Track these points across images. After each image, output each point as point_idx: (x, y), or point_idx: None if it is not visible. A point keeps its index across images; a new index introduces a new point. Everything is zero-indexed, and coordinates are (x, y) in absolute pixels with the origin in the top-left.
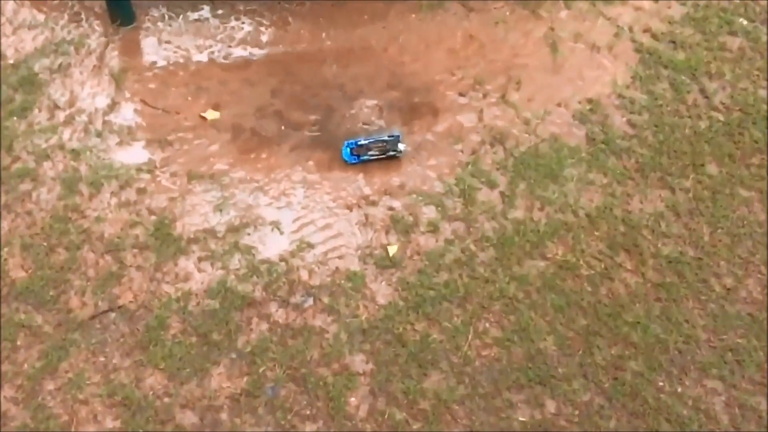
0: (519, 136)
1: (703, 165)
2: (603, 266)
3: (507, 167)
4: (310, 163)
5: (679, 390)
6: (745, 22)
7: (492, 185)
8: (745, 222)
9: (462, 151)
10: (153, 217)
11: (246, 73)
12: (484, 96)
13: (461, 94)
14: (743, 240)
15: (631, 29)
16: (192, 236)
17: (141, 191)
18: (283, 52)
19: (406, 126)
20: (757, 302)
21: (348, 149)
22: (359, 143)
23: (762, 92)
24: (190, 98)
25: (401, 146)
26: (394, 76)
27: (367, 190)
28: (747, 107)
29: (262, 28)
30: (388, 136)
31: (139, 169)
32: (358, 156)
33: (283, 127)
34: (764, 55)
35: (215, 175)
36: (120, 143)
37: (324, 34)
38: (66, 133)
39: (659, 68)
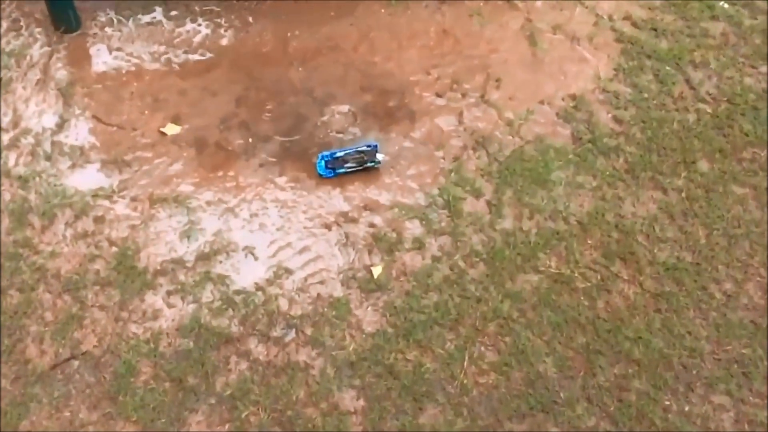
0: (502, 138)
1: (694, 162)
2: (599, 277)
3: (492, 173)
4: (283, 179)
5: (687, 408)
6: (726, 6)
7: (477, 194)
8: (741, 221)
9: (443, 158)
10: (114, 249)
11: (206, 81)
12: (463, 96)
13: (439, 95)
14: (740, 241)
15: (610, 17)
16: (158, 268)
17: (99, 220)
18: (245, 55)
19: (382, 132)
20: (758, 308)
21: (323, 162)
22: (335, 155)
23: (748, 80)
24: (146, 112)
25: (379, 156)
26: (366, 78)
27: (345, 207)
28: (734, 97)
29: (221, 30)
30: (365, 146)
31: (95, 195)
32: (334, 169)
33: (250, 140)
34: (748, 41)
35: (180, 198)
36: (72, 166)
37: (288, 34)
38: (11, 158)
39: (642, 59)
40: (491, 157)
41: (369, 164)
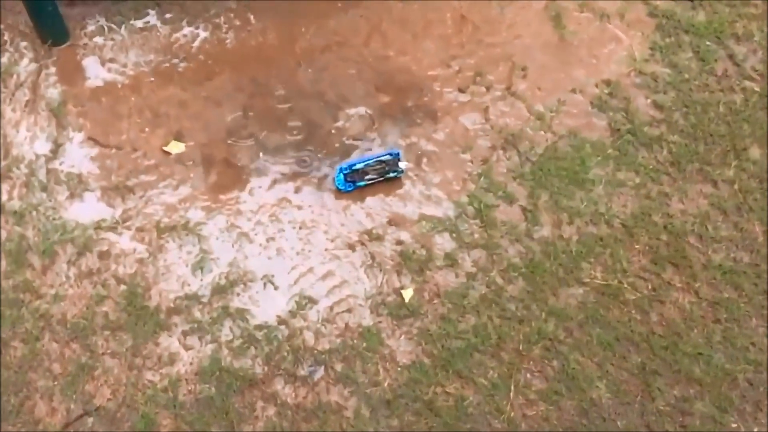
0: (533, 135)
1: (745, 149)
2: (650, 287)
3: (524, 175)
4: (299, 196)
5: (756, 430)
6: None
7: (510, 200)
8: None
9: (471, 161)
10: (122, 287)
11: (209, 90)
12: (488, 89)
13: (461, 90)
14: None
15: None
16: (172, 306)
17: (104, 255)
18: (248, 58)
19: (402, 137)
20: None
21: (341, 175)
22: (353, 167)
23: None
24: (147, 129)
25: (402, 165)
26: (381, 76)
27: (369, 223)
28: None
29: (221, 32)
30: (386, 155)
31: (98, 227)
32: (354, 182)
33: (261, 154)
34: None
35: (190, 225)
36: (71, 196)
37: (293, 32)
38: (4, 191)
39: (680, 34)
40: (523, 157)
41: (391, 175)
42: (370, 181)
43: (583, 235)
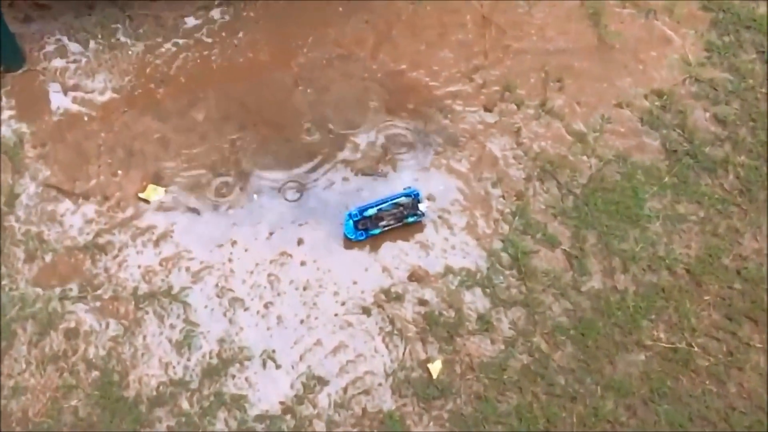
0: (575, 161)
1: None
2: (725, 349)
3: (567, 212)
4: (302, 249)
5: None
6: None
7: (552, 243)
8: None
9: (503, 197)
10: (94, 374)
11: (192, 119)
12: (518, 107)
13: (487, 109)
14: None
15: None
16: (154, 395)
17: (71, 334)
18: (236, 79)
19: (421, 169)
20: None
21: (351, 222)
22: (365, 212)
23: None
24: (120, 172)
25: (422, 207)
26: (392, 95)
27: (385, 280)
28: None
29: (204, 49)
30: (403, 195)
31: (63, 298)
32: (366, 230)
33: (255, 197)
34: None
35: (173, 292)
36: (29, 260)
37: (288, 45)
38: None
39: (740, 31)
40: (563, 189)
41: (410, 220)
42: (386, 228)
43: (641, 286)
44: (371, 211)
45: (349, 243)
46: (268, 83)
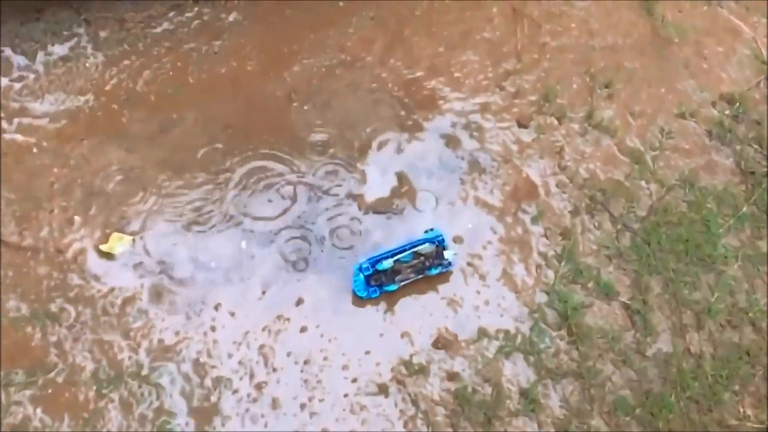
0: (631, 187)
1: None
2: None
3: (624, 253)
4: (302, 309)
5: None
6: None
7: (608, 294)
8: None
9: (545, 235)
10: None
11: (165, 149)
12: (560, 120)
13: (522, 125)
14: None
15: None
16: None
17: None
18: (219, 95)
19: (444, 202)
20: None
21: (362, 277)
22: (378, 264)
23: None
24: (77, 217)
25: (449, 255)
26: (407, 109)
27: (405, 347)
28: None
29: (179, 59)
30: (425, 241)
31: (7, 385)
32: (380, 286)
33: (244, 245)
34: None
35: (143, 372)
36: None
37: (281, 50)
38: None
39: None
40: (619, 224)
41: (434, 272)
42: (404, 283)
43: (719, 347)
44: (386, 264)
45: (359, 301)
46: (256, 99)
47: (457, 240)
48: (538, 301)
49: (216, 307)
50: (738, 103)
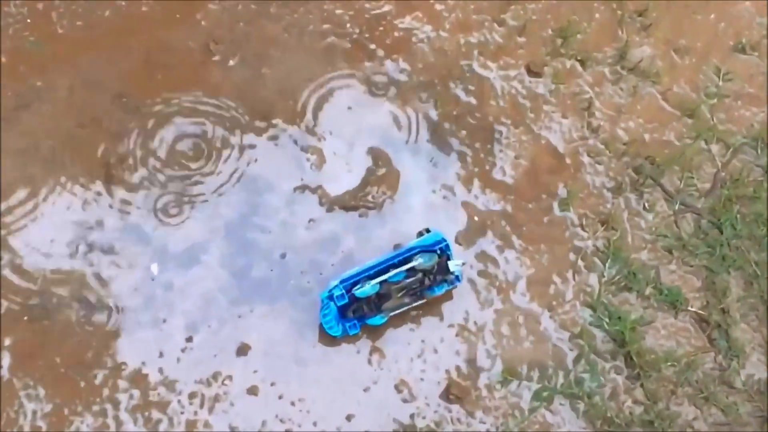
0: (686, 151)
1: None
2: None
3: (686, 242)
4: (248, 360)
5: None
6: None
7: (673, 302)
8: None
9: (581, 225)
10: None
11: (25, 133)
12: (583, 64)
13: (533, 72)
14: None
15: None
16: None
17: None
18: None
19: (438, 186)
20: None
21: (333, 307)
22: (357, 290)
23: None
24: None
25: (455, 268)
26: (374, 61)
27: (403, 404)
28: None
29: (40, 2)
30: (421, 249)
31: None
32: (361, 318)
33: (155, 269)
34: None
35: None
36: None
37: None
38: None
39: None
40: (677, 203)
41: (436, 292)
42: (395, 312)
43: None
44: (367, 288)
45: (331, 341)
46: (160, 54)
47: (461, 240)
48: (580, 319)
49: (119, 368)
50: None
